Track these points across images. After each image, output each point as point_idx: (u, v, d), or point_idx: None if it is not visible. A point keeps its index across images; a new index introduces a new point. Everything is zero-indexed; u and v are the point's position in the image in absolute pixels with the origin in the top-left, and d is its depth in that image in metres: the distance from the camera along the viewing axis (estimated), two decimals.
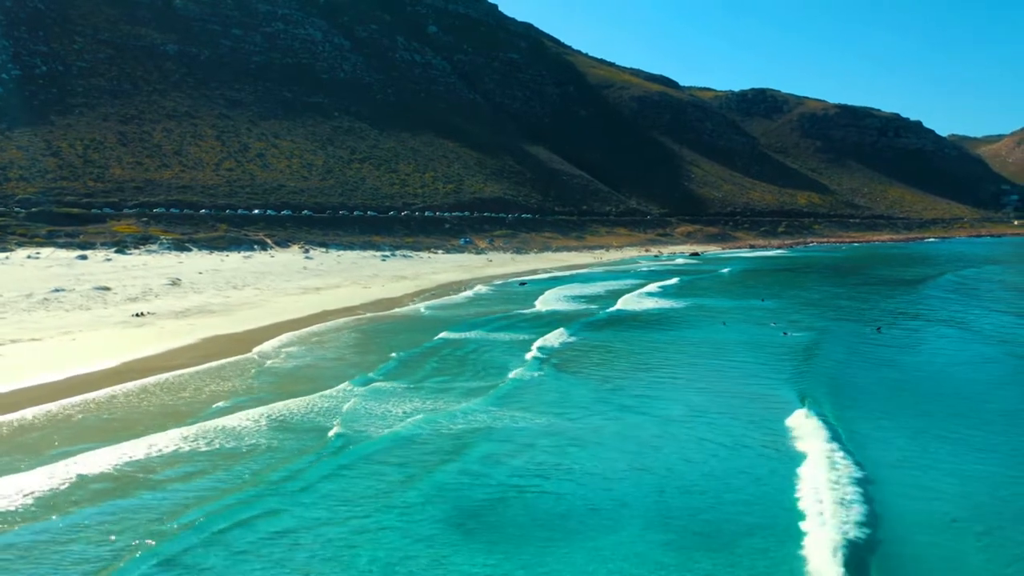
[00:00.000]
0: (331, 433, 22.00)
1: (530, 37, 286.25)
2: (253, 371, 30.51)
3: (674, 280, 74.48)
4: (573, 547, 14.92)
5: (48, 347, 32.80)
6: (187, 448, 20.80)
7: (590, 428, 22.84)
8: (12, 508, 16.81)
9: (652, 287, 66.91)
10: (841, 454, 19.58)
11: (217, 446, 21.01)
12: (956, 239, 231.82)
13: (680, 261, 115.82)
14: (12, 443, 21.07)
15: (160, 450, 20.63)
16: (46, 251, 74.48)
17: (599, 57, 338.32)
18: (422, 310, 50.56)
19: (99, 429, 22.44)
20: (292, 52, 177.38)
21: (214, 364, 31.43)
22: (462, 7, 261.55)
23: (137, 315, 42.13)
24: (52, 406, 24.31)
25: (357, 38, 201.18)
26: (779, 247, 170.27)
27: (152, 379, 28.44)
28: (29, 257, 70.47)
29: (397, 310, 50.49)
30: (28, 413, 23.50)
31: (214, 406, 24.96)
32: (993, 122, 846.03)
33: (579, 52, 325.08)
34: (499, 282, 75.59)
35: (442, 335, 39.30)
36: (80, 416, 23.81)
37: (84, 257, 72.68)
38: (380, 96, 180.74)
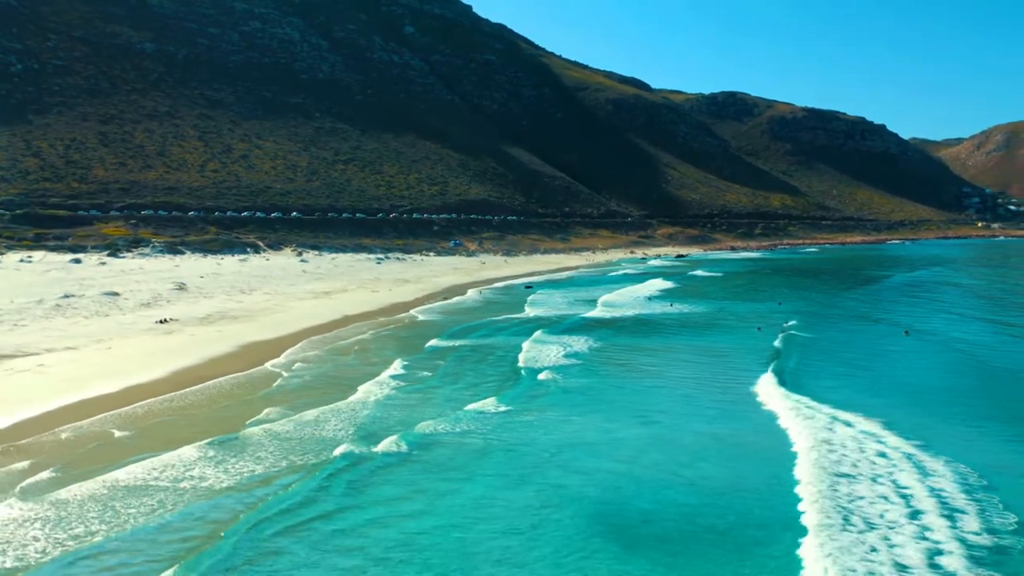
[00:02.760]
0: (402, 434, 21.89)
1: (505, 38, 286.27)
2: (304, 376, 30.24)
3: (680, 284, 74.92)
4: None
5: (87, 357, 31.97)
6: (260, 448, 20.63)
7: (697, 436, 22.91)
8: (110, 507, 16.63)
9: (662, 291, 67.26)
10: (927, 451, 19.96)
11: (286, 444, 20.77)
12: (926, 240, 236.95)
13: (671, 263, 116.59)
14: (93, 449, 20.56)
15: (237, 450, 20.51)
16: (38, 255, 72.65)
17: (572, 59, 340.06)
18: (440, 315, 50.26)
19: (175, 433, 22.14)
20: (270, 51, 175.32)
21: (264, 370, 31.16)
22: (437, 7, 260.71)
23: (161, 322, 41.25)
24: (119, 414, 23.80)
25: (334, 38, 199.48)
26: (758, 248, 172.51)
27: (209, 385, 28.13)
28: (22, 261, 68.65)
29: (414, 314, 50.11)
30: (100, 421, 22.92)
31: (277, 409, 24.86)
32: (953, 126, 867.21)
33: (553, 54, 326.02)
34: (501, 284, 75.51)
35: (476, 340, 39.13)
36: (152, 423, 23.44)
37: (78, 261, 70.98)
38: (360, 97, 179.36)
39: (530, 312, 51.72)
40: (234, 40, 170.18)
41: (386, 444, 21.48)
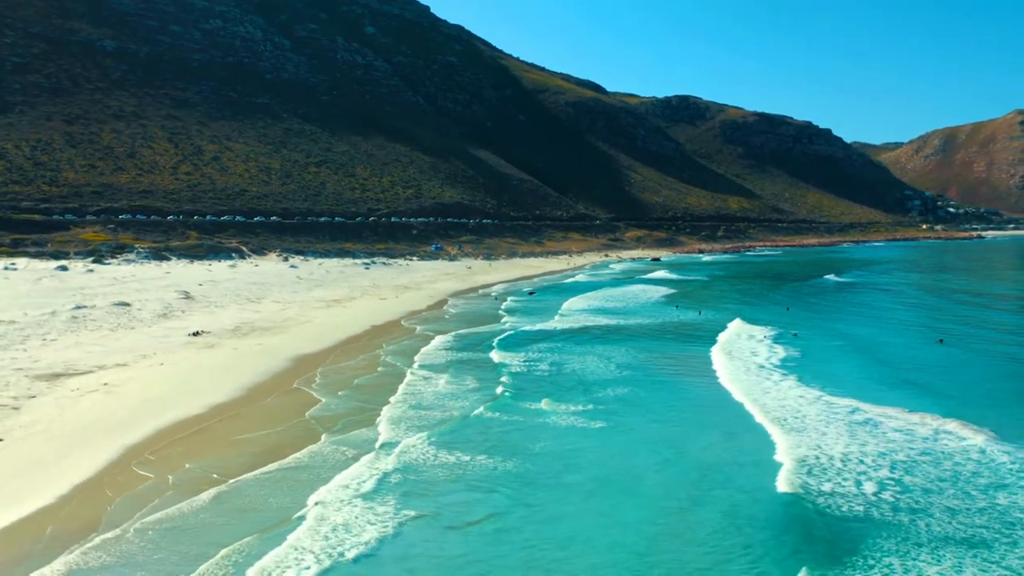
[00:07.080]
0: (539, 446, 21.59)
1: (464, 39, 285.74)
2: (385, 385, 29.67)
3: (681, 289, 75.59)
4: None
5: (145, 374, 30.77)
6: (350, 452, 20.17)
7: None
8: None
9: (669, 296, 67.70)
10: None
11: (417, 450, 20.39)
12: (878, 243, 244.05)
13: (649, 266, 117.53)
14: (224, 470, 19.80)
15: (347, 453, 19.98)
16: (21, 262, 69.69)
17: (529, 61, 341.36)
18: (467, 324, 49.71)
19: (289, 443, 21.84)
20: (233, 50, 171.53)
21: (330, 382, 30.52)
22: (396, 8, 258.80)
23: (194, 334, 39.96)
24: (220, 435, 22.94)
25: (297, 37, 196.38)
26: (723, 251, 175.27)
27: (288, 399, 27.45)
28: (6, 268, 65.77)
29: (439, 322, 49.55)
30: (210, 441, 22.08)
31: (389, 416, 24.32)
32: (891, 130, 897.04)
33: (510, 56, 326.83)
34: (500, 289, 75.35)
35: (533, 351, 38.84)
36: (255, 437, 22.69)
37: (64, 268, 68.29)
38: (326, 98, 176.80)
39: (554, 321, 51.50)
40: (196, 38, 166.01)
41: (517, 459, 21.17)
